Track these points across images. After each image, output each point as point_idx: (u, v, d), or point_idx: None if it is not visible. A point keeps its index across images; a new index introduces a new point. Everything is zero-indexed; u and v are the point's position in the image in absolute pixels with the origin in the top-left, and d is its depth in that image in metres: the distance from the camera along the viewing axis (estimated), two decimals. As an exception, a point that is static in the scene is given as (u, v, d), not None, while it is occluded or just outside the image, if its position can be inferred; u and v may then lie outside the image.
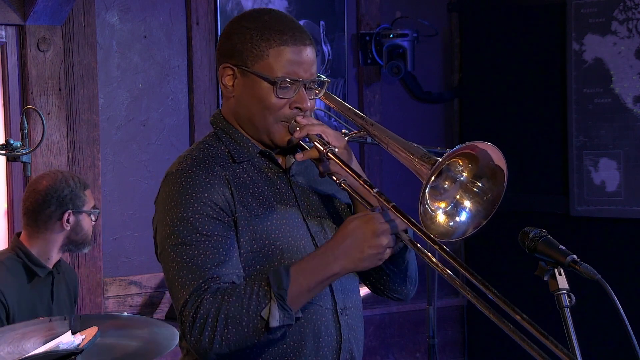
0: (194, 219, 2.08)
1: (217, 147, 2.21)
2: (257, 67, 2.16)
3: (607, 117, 5.06)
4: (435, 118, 5.63)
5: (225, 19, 4.65)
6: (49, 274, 3.53)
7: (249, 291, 2.02)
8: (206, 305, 2.01)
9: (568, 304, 1.98)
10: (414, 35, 5.13)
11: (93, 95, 4.29)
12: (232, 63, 2.19)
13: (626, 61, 5.00)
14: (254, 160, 2.21)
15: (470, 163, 2.06)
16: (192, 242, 2.07)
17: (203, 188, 2.11)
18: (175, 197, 2.12)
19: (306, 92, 2.19)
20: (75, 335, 2.86)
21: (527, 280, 2.48)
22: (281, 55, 2.15)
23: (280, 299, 2.00)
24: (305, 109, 2.18)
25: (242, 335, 2.01)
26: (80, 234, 3.55)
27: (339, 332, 2.18)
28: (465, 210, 2.07)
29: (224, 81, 2.21)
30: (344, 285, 2.22)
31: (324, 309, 2.16)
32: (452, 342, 5.63)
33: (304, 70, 2.17)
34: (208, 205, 2.09)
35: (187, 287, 2.05)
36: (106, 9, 4.38)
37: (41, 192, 3.49)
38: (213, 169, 2.15)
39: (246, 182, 2.17)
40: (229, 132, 2.23)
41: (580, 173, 5.15)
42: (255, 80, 2.17)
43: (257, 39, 2.16)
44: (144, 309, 4.46)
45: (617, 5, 5.00)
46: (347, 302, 2.22)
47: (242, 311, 2.00)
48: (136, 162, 4.48)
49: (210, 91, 4.64)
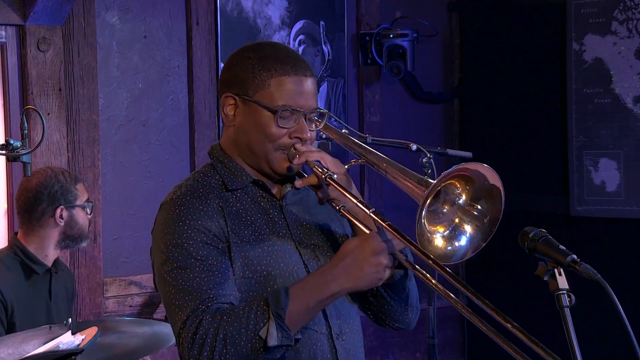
0: (188, 245, 2.10)
1: (211, 177, 2.24)
2: (259, 97, 2.18)
3: (607, 117, 5.06)
4: (435, 118, 5.63)
5: (225, 19, 4.65)
6: (47, 272, 3.54)
7: (247, 311, 2.03)
8: (205, 325, 2.02)
9: (568, 304, 1.98)
10: (414, 35, 5.13)
11: (93, 95, 4.29)
12: (233, 92, 2.21)
13: (626, 61, 5.00)
14: (247, 189, 2.22)
15: (467, 185, 2.08)
16: (187, 267, 2.09)
17: (196, 215, 2.12)
18: (170, 224, 2.13)
19: (307, 122, 2.20)
20: (75, 335, 2.86)
21: (527, 280, 2.48)
22: (282, 85, 2.17)
23: (278, 318, 2.01)
24: (305, 139, 2.20)
25: (240, 354, 2.02)
26: (75, 228, 3.56)
27: (335, 358, 2.18)
28: (464, 234, 2.09)
29: (226, 110, 2.23)
30: (339, 310, 2.21)
31: (318, 333, 2.16)
32: (452, 342, 5.63)
33: (304, 100, 2.19)
34: (202, 232, 2.11)
35: (184, 309, 2.07)
36: (106, 9, 4.38)
37: (32, 190, 3.51)
38: (207, 197, 2.17)
39: (239, 211, 2.18)
40: (224, 161, 2.25)
41: (580, 173, 5.15)
42: (256, 110, 2.19)
43: (259, 68, 2.19)
44: (144, 309, 4.46)
45: (617, 5, 5.00)
46: (344, 327, 2.22)
47: (241, 330, 2.01)
48: (136, 162, 4.48)
49: (210, 91, 4.64)
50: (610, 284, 2.02)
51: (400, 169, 2.13)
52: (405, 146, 3.84)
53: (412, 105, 5.50)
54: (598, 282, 2.01)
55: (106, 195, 4.37)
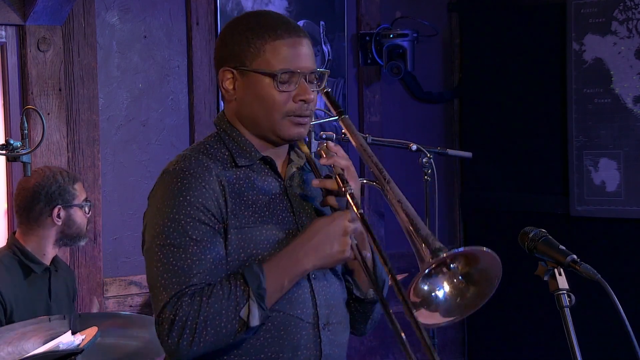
0: (185, 222, 2.08)
1: (217, 149, 2.20)
2: (256, 65, 2.16)
3: (607, 117, 5.06)
4: (435, 118, 5.63)
5: (225, 19, 4.65)
6: (46, 271, 3.54)
7: (226, 291, 2.03)
8: (185, 308, 2.02)
9: (568, 304, 1.99)
10: (414, 35, 5.13)
11: (93, 95, 4.29)
12: (230, 66, 2.19)
13: (626, 61, 5.00)
14: (254, 165, 2.20)
15: (470, 261, 2.09)
16: (180, 245, 2.07)
17: (198, 192, 2.10)
18: (169, 197, 2.11)
19: (307, 84, 2.18)
20: (75, 335, 2.86)
21: (527, 280, 2.48)
22: (277, 50, 2.15)
23: (259, 298, 2.03)
24: (309, 100, 2.17)
25: (219, 335, 2.03)
26: (73, 227, 3.56)
27: (319, 348, 2.17)
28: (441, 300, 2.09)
29: (225, 85, 2.20)
30: (328, 300, 2.20)
31: (304, 322, 2.15)
32: (452, 342, 5.63)
33: (302, 61, 2.17)
34: (200, 210, 2.09)
35: (168, 289, 2.06)
36: (106, 9, 4.38)
37: (30, 190, 3.51)
38: (210, 173, 2.13)
39: (241, 189, 2.16)
40: (232, 134, 2.22)
41: (580, 173, 5.15)
42: (256, 78, 2.16)
43: (252, 37, 2.16)
44: (144, 309, 4.46)
45: (617, 5, 5.00)
46: (331, 317, 2.20)
47: (222, 312, 2.02)
48: (136, 162, 4.48)
49: (210, 91, 4.64)
50: (610, 284, 2.02)
51: (413, 215, 2.10)
52: (405, 146, 3.84)
53: (412, 105, 5.50)
54: (598, 282, 2.01)
55: (106, 195, 4.37)
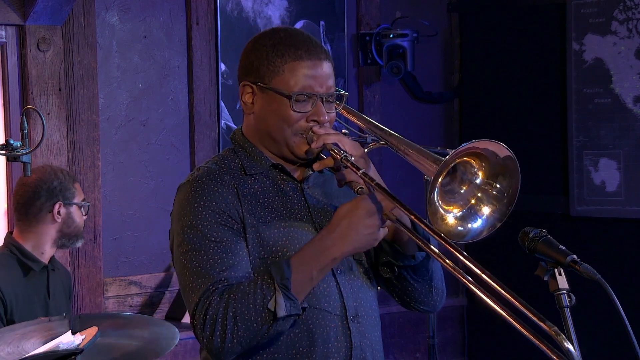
0: (202, 226, 2.13)
1: (231, 160, 2.26)
2: (274, 83, 2.20)
3: (607, 117, 5.06)
4: (435, 118, 5.63)
5: (225, 19, 4.65)
6: (44, 269, 3.54)
7: (252, 286, 2.07)
8: (214, 306, 2.06)
9: (568, 304, 1.98)
10: (414, 35, 5.13)
11: (93, 95, 4.29)
12: (250, 80, 2.23)
13: (626, 61, 5.00)
14: (266, 172, 2.25)
15: (482, 163, 2.10)
16: (201, 248, 2.12)
17: (212, 196, 2.16)
18: (185, 206, 2.17)
19: (325, 105, 2.22)
20: (75, 335, 2.86)
21: (527, 280, 2.48)
22: (296, 70, 2.19)
23: (284, 288, 2.05)
24: (322, 122, 2.21)
25: (251, 330, 2.06)
26: (72, 226, 3.57)
27: (349, 339, 2.20)
28: (479, 215, 2.11)
29: (244, 98, 2.25)
30: (356, 294, 2.24)
31: (332, 315, 2.18)
32: (452, 342, 5.63)
33: (319, 84, 2.21)
34: (216, 213, 2.14)
35: (197, 291, 2.10)
36: (106, 9, 4.38)
37: (31, 185, 3.52)
38: (222, 178, 2.20)
39: (256, 193, 2.21)
40: (245, 146, 2.28)
41: (580, 173, 5.15)
42: (273, 96, 2.21)
43: (273, 55, 2.20)
44: (144, 309, 4.46)
45: (617, 5, 5.00)
46: (360, 310, 2.24)
47: (250, 306, 2.05)
48: (136, 162, 4.48)
49: (210, 91, 4.65)
50: (610, 284, 2.02)
51: (419, 150, 2.15)
52: (405, 146, 3.84)
53: (412, 105, 5.50)
54: (598, 282, 2.01)
55: (106, 195, 4.37)
